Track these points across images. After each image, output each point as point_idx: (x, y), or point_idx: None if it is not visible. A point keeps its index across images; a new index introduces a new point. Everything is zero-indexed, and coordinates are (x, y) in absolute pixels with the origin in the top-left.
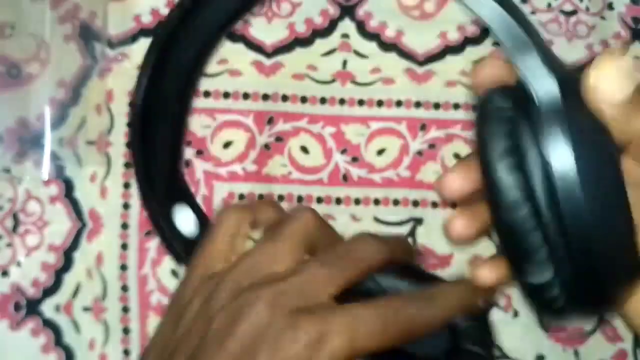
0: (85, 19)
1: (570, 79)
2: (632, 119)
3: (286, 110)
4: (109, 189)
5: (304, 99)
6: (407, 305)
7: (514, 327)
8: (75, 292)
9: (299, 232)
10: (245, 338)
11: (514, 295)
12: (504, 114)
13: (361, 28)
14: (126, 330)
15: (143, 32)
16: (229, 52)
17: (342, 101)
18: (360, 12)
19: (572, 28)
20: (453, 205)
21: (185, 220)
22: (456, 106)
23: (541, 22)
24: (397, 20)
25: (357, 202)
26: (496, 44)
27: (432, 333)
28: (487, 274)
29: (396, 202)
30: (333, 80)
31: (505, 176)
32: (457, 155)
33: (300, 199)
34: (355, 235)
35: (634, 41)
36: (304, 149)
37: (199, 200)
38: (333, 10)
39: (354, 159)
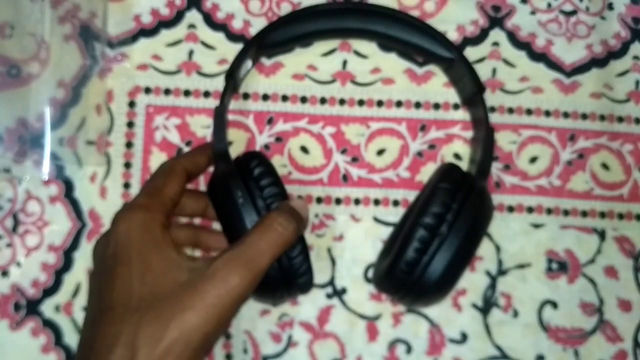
0: (85, 19)
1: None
2: None
3: (286, 111)
4: (109, 189)
5: (303, 99)
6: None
7: (514, 327)
8: (75, 292)
9: None
10: None
11: (514, 295)
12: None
13: None
14: None
15: (143, 32)
16: (229, 52)
17: (342, 101)
18: None
19: (572, 28)
20: None
21: None
22: (456, 106)
23: (541, 22)
24: None
25: (357, 202)
26: (496, 44)
27: None
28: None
29: (396, 203)
30: (333, 81)
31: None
32: (457, 156)
33: (300, 199)
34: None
35: (634, 41)
36: (304, 149)
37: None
38: None
39: (354, 159)
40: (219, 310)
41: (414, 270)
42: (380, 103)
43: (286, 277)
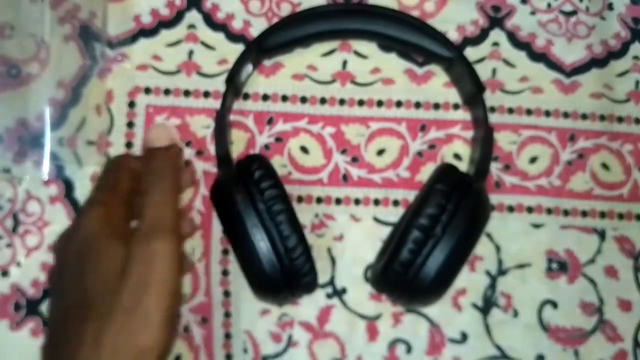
0: (85, 19)
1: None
2: None
3: (286, 111)
4: None
5: (303, 99)
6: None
7: (514, 327)
8: None
9: None
10: None
11: (514, 295)
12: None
13: None
14: None
15: (143, 32)
16: (229, 52)
17: (342, 101)
18: None
19: (572, 28)
20: None
21: None
22: (456, 106)
23: (541, 22)
24: None
25: (357, 202)
26: (495, 44)
27: None
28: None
29: (396, 203)
30: (333, 81)
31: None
32: (457, 156)
33: (300, 199)
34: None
35: (634, 41)
36: (304, 149)
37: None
38: None
39: (354, 159)
40: (168, 285)
41: (408, 271)
42: (380, 103)
43: (289, 278)
